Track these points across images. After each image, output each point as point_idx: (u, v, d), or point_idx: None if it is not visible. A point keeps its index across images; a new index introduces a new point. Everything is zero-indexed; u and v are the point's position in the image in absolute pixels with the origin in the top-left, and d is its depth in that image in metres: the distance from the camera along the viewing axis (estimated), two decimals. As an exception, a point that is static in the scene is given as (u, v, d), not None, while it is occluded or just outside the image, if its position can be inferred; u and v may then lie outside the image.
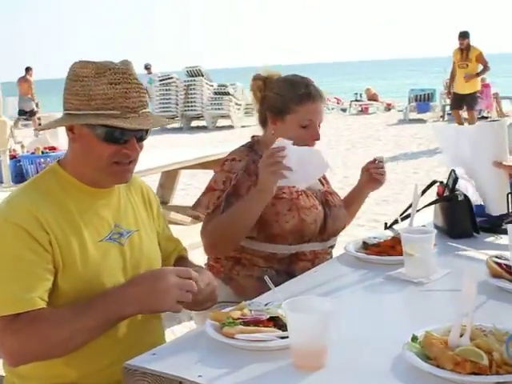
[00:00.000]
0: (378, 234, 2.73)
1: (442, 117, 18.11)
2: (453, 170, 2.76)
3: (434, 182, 2.84)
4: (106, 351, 1.88)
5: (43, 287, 1.77)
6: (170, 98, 19.14)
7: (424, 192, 2.93)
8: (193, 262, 2.22)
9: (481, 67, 12.61)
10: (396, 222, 2.90)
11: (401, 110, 18.98)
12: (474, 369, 1.47)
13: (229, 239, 2.47)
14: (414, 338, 1.64)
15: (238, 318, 1.77)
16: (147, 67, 20.92)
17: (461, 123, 12.82)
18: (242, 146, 2.67)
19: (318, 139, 2.57)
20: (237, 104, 18.45)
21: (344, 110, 21.96)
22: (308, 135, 2.55)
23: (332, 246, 2.73)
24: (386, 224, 2.93)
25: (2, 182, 4.83)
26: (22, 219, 1.78)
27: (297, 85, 2.58)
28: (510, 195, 2.75)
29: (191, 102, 18.72)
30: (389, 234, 2.72)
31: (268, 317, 1.77)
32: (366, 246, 2.50)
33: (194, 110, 18.81)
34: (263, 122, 2.69)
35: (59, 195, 1.89)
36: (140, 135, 1.90)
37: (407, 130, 15.99)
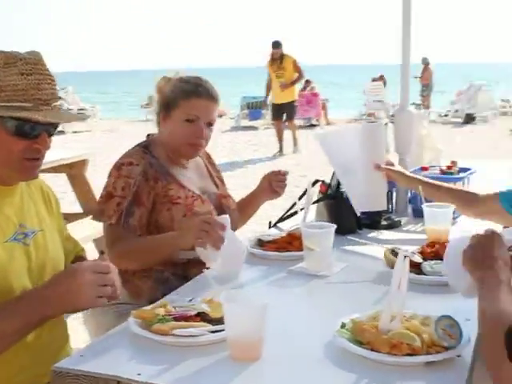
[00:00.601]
0: (267, 231, 2.80)
1: (273, 124, 18.67)
2: (335, 170, 2.89)
3: (316, 181, 2.95)
4: (14, 358, 1.78)
5: None
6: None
7: (306, 191, 3.04)
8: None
9: (296, 75, 12.65)
10: (280, 220, 2.99)
11: (233, 118, 19.34)
12: (409, 350, 1.56)
13: (138, 264, 2.44)
14: (343, 326, 1.71)
15: (168, 315, 1.74)
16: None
17: (281, 133, 13.13)
18: (137, 145, 2.60)
19: (202, 137, 2.55)
20: (68, 108, 17.89)
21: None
22: (192, 131, 2.53)
23: None
24: (270, 223, 3.00)
25: None
26: None
27: (188, 81, 2.57)
28: (389, 193, 2.93)
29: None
30: (276, 232, 2.79)
31: (196, 312, 1.76)
32: (262, 243, 2.54)
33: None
34: (158, 123, 2.65)
35: None
36: (50, 130, 1.82)
37: (240, 136, 16.34)
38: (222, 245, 2.14)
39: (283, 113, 12.87)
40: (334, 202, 2.79)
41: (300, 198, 3.02)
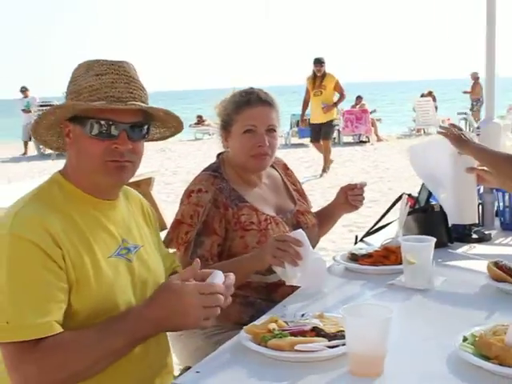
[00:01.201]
0: (361, 246, 2.76)
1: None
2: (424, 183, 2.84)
3: (402, 195, 2.90)
4: (128, 373, 1.77)
5: (59, 309, 1.63)
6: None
7: (393, 205, 3.00)
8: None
9: (337, 96, 12.02)
10: (368, 234, 2.95)
11: (281, 136, 19.34)
12: (543, 364, 1.50)
13: None
14: (465, 339, 1.66)
15: (284, 330, 1.72)
16: (23, 90, 20.15)
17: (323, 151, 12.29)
18: (206, 169, 2.55)
19: (264, 145, 2.46)
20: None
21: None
22: (252, 141, 2.47)
23: None
24: (356, 237, 2.96)
25: None
26: (35, 234, 1.63)
27: (239, 94, 2.53)
28: (480, 205, 2.87)
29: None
30: (365, 246, 2.75)
31: (311, 327, 1.73)
32: (356, 258, 2.51)
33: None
34: (225, 147, 2.61)
35: (65, 207, 1.75)
36: (134, 133, 1.79)
37: (292, 154, 16.33)
38: (300, 261, 2.09)
39: (321, 133, 12.07)
40: (425, 216, 2.74)
41: (387, 212, 2.99)
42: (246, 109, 2.48)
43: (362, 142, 18.21)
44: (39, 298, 1.60)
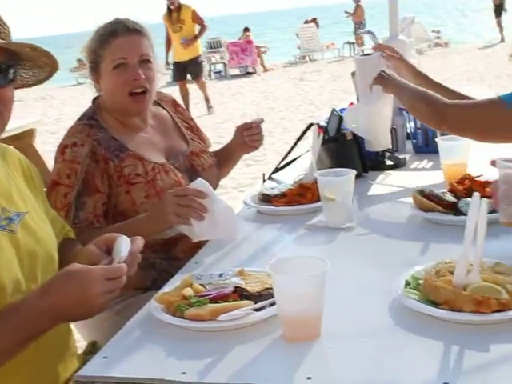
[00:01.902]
0: (270, 184, 2.53)
1: (209, 76, 18.28)
2: (334, 109, 2.63)
3: (311, 125, 2.68)
4: (16, 374, 1.48)
5: None
6: None
7: (301, 136, 2.79)
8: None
9: (198, 28, 10.85)
10: (276, 170, 2.73)
11: (166, 73, 18.75)
12: (498, 306, 1.33)
13: None
14: (407, 284, 1.47)
15: (201, 295, 1.47)
16: None
17: (186, 94, 11.10)
18: (81, 118, 2.21)
19: (140, 79, 2.14)
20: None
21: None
22: (125, 76, 2.14)
23: None
24: (264, 175, 2.72)
25: None
26: None
27: (101, 29, 2.19)
28: (393, 130, 2.69)
29: None
30: (275, 184, 2.53)
31: (233, 288, 1.49)
32: (268, 198, 2.27)
33: None
34: (97, 89, 2.27)
35: None
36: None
37: (177, 91, 15.91)
38: (206, 214, 1.84)
39: (187, 72, 11.02)
40: (337, 145, 2.52)
41: (295, 145, 2.77)
42: (112, 41, 2.14)
43: (248, 74, 17.97)
44: None
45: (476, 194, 1.42)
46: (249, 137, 2.39)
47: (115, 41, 2.15)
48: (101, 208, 2.08)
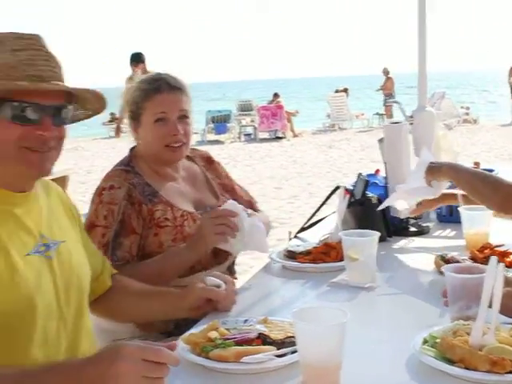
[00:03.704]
0: (296, 242, 2.61)
1: (239, 137, 18.57)
2: (360, 174, 2.72)
3: (337, 187, 2.77)
4: None
5: None
6: None
7: (328, 198, 2.87)
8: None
9: None
10: (302, 230, 2.80)
11: (197, 133, 19.12)
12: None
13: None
14: (425, 342, 1.53)
15: (226, 338, 1.54)
16: None
17: None
18: (118, 164, 2.35)
19: (177, 134, 2.29)
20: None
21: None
22: (164, 130, 2.29)
23: (231, 266, 2.45)
24: (289, 233, 2.80)
25: None
26: None
27: (146, 81, 2.35)
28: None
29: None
30: (301, 242, 2.61)
31: (257, 334, 1.56)
32: (294, 255, 2.35)
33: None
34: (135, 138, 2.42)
35: None
36: (59, 117, 1.56)
37: (209, 151, 16.14)
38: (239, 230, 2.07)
39: None
40: (363, 208, 2.60)
41: (321, 206, 2.86)
42: (155, 96, 2.30)
43: (278, 138, 18.19)
44: None
45: (493, 258, 1.49)
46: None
47: (158, 96, 2.29)
48: (136, 248, 2.19)
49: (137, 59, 9.38)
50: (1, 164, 1.54)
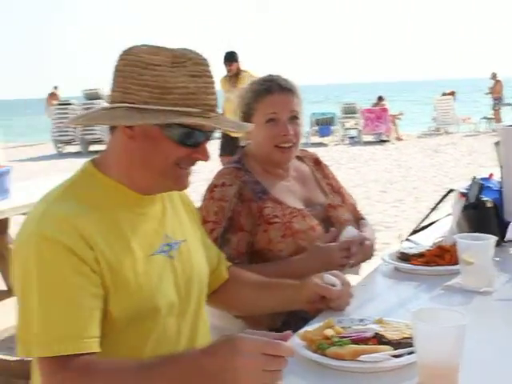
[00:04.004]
0: (408, 244, 2.59)
1: (343, 140, 18.50)
2: (474, 177, 2.67)
3: (450, 191, 2.73)
4: None
5: (95, 320, 1.46)
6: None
7: (440, 202, 2.83)
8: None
9: None
10: (414, 233, 2.78)
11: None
12: None
13: None
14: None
15: (343, 337, 1.55)
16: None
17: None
18: (229, 163, 2.42)
19: (288, 134, 2.33)
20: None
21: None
22: (275, 131, 2.33)
23: None
24: (400, 235, 2.79)
25: None
26: (64, 235, 1.46)
27: (257, 82, 2.41)
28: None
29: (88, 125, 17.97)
30: (413, 245, 2.58)
31: (373, 334, 1.56)
32: (407, 257, 2.33)
33: (93, 133, 18.12)
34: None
35: (101, 203, 1.58)
36: (208, 141, 1.63)
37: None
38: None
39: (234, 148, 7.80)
40: (477, 212, 2.55)
41: (433, 209, 2.83)
42: (267, 96, 2.35)
43: (382, 141, 18.00)
44: (71, 305, 1.43)
45: None
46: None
47: (269, 97, 2.34)
48: (244, 246, 2.24)
49: (230, 58, 9.22)
50: (147, 171, 1.60)
